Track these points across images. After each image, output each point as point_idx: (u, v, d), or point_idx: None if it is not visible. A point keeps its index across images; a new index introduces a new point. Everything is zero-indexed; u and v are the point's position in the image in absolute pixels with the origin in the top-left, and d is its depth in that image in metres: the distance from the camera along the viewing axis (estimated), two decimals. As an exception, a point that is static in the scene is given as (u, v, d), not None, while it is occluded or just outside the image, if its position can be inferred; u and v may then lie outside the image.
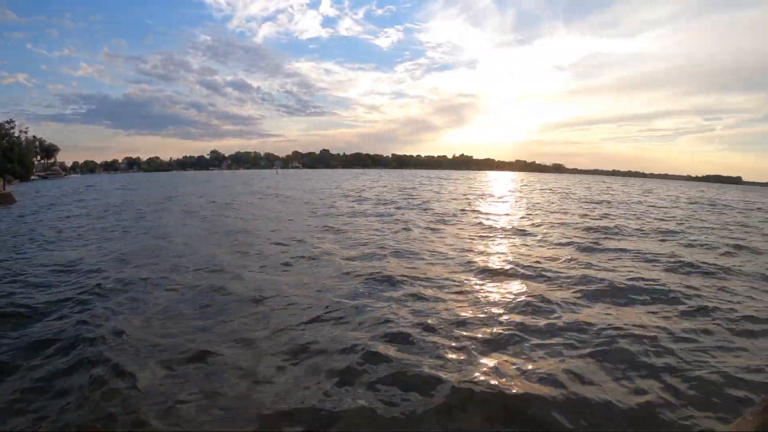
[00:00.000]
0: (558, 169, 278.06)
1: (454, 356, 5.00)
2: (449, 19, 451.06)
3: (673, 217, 22.35)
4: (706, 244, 13.43)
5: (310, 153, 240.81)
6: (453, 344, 5.33)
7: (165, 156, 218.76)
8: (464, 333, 5.67)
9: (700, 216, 23.49)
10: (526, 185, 60.12)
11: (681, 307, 6.97)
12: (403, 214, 18.67)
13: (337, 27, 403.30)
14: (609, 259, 10.55)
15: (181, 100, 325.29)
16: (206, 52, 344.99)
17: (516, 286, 7.89)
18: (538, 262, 9.94)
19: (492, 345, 5.40)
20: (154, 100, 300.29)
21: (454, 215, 19.21)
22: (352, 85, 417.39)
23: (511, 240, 13.01)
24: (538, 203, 27.58)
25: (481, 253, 10.91)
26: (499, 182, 68.48)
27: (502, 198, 31.58)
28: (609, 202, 30.63)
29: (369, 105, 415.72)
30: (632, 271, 9.27)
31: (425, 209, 20.98)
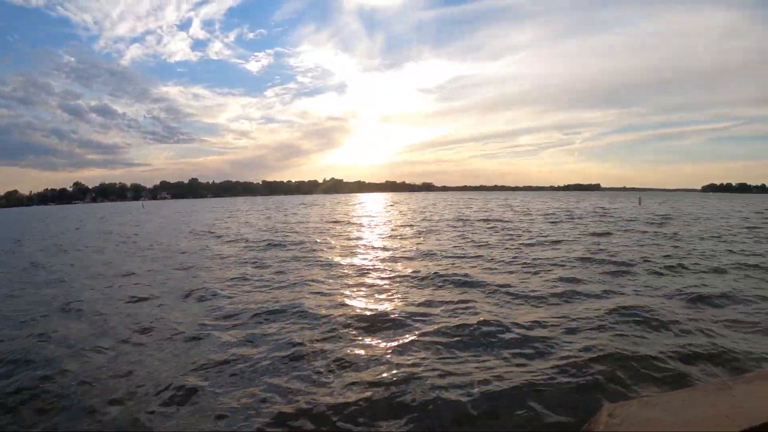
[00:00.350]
0: (428, 187, 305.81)
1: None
2: (320, 43, 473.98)
3: (524, 232, 23.37)
4: (526, 261, 13.70)
5: (178, 182, 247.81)
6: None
7: (24, 189, 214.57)
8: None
9: (544, 228, 25.17)
10: (391, 206, 64.64)
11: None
12: (246, 251, 18.24)
13: (207, 50, 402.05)
14: (417, 289, 10.42)
15: (42, 126, 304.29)
16: (70, 74, 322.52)
17: (296, 326, 7.78)
18: (344, 294, 10.01)
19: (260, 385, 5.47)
20: (12, 127, 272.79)
21: (293, 245, 19.13)
22: (222, 110, 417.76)
23: (335, 271, 12.99)
24: (387, 228, 27.74)
25: (300, 289, 10.73)
26: (364, 205, 71.90)
27: (356, 224, 31.84)
28: (467, 220, 31.98)
29: (238, 131, 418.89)
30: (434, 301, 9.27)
31: (272, 241, 20.74)
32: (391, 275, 11.98)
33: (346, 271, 12.91)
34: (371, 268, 13.31)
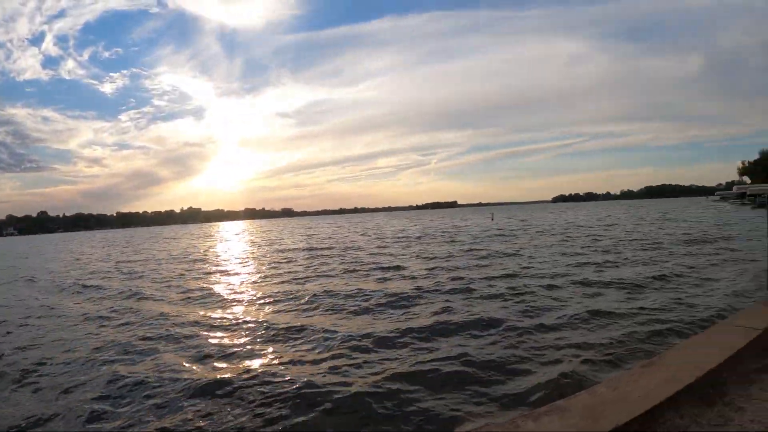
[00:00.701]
0: (288, 213, 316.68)
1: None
2: (178, 65, 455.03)
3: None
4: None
5: (26, 216, 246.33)
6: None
7: None
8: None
9: (392, 252, 26.05)
10: (245, 236, 65.75)
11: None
12: (60, 298, 17.07)
13: (60, 69, 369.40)
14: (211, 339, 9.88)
15: None
16: None
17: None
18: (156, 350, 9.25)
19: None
20: None
21: (117, 291, 17.67)
22: (73, 135, 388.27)
23: (148, 320, 12.15)
24: (230, 265, 26.31)
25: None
26: (218, 236, 71.42)
27: (200, 260, 30.47)
28: (314, 249, 32.06)
29: (90, 158, 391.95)
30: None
31: (91, 286, 19.37)
32: (200, 323, 11.42)
33: (162, 322, 12.03)
34: (188, 315, 12.60)
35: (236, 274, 21.26)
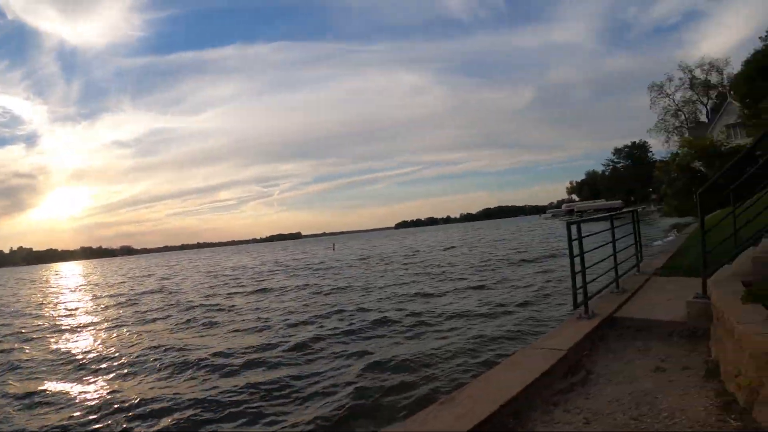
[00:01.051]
0: (127, 251, 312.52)
1: None
2: (10, 84, 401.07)
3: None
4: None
5: None
6: None
7: None
8: None
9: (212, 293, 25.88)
10: (69, 279, 62.14)
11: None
12: None
13: None
14: None
15: None
16: None
17: None
18: None
19: None
20: None
21: None
22: None
23: None
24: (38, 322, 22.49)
25: None
26: (41, 282, 63.72)
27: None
28: (132, 294, 29.51)
29: None
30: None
31: None
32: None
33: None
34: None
35: (41, 329, 18.77)
